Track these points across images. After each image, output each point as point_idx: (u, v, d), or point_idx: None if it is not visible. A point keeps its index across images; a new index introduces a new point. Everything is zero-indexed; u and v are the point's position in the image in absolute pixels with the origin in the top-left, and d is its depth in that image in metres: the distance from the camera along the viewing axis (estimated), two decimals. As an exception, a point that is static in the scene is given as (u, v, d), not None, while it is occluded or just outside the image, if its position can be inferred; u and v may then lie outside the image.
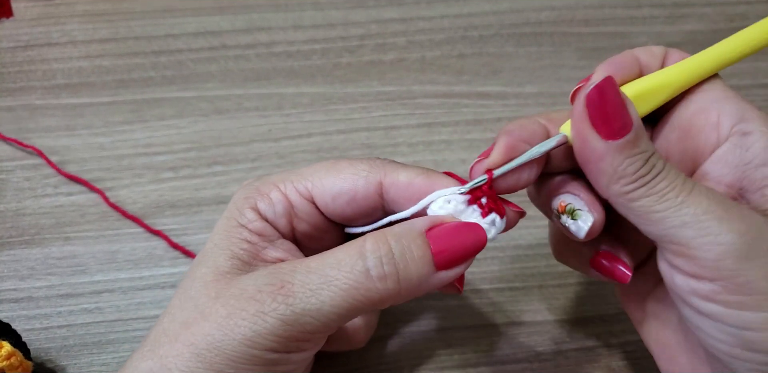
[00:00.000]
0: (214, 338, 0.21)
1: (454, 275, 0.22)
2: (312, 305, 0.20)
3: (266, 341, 0.20)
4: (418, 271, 0.21)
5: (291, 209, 0.24)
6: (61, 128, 0.39)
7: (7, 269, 0.33)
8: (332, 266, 0.21)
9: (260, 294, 0.21)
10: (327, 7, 0.45)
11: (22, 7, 0.45)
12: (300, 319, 0.20)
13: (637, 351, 0.31)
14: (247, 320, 0.20)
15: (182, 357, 0.21)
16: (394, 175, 0.23)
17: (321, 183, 0.23)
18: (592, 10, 0.46)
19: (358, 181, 0.23)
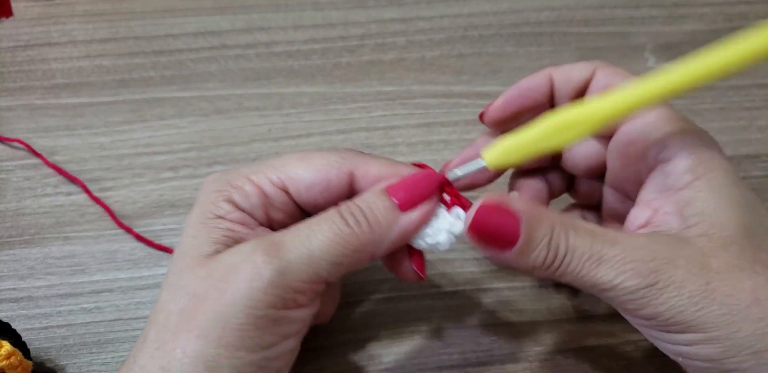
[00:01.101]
0: (215, 312, 0.21)
1: (419, 215, 0.23)
2: (303, 253, 0.22)
3: (265, 295, 0.21)
4: (385, 215, 0.23)
5: (266, 199, 0.24)
6: (61, 128, 0.39)
7: (7, 269, 0.33)
8: (315, 222, 0.23)
9: (253, 255, 0.21)
10: (327, 7, 0.45)
11: (22, 7, 0.45)
12: (293, 267, 0.21)
13: (637, 351, 0.31)
14: (243, 281, 0.21)
15: (189, 344, 0.21)
16: (365, 167, 0.24)
17: (294, 174, 0.24)
18: (592, 11, 0.46)
19: (330, 172, 0.24)
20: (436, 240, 0.24)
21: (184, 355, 0.21)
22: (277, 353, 0.22)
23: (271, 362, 0.22)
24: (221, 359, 0.21)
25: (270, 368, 0.22)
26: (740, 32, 0.21)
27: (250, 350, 0.21)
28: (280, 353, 0.22)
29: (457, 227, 0.24)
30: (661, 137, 0.23)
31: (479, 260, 0.34)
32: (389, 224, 0.23)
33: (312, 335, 0.31)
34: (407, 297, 0.32)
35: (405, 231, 0.23)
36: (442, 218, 0.24)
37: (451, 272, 0.33)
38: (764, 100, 0.41)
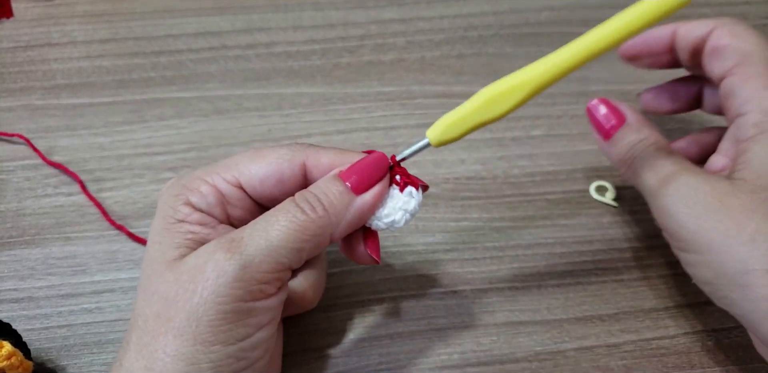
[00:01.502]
0: (187, 312, 0.22)
1: (372, 196, 0.24)
2: (262, 245, 0.23)
3: (231, 290, 0.22)
4: (339, 198, 0.24)
5: (223, 197, 0.25)
6: (61, 128, 0.39)
7: (8, 269, 0.33)
8: (271, 214, 0.24)
9: (215, 254, 0.22)
10: (326, 8, 0.45)
11: (23, 8, 0.45)
12: (254, 260, 0.22)
13: (636, 351, 0.31)
14: (210, 279, 0.22)
15: (168, 344, 0.22)
16: (316, 157, 0.25)
17: (247, 170, 0.25)
18: (591, 11, 0.46)
19: (282, 165, 0.25)
20: (392, 219, 0.25)
21: (165, 355, 0.22)
22: (252, 344, 0.23)
23: (248, 353, 0.23)
24: (199, 354, 0.22)
25: (248, 358, 0.23)
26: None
27: (226, 344, 0.22)
28: (256, 344, 0.23)
29: (411, 205, 0.25)
30: (743, 93, 0.26)
31: (479, 260, 0.34)
32: (344, 206, 0.24)
33: (312, 335, 0.31)
34: (407, 297, 0.32)
35: (360, 212, 0.24)
36: (396, 197, 0.25)
37: (451, 272, 0.33)
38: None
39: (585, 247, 0.34)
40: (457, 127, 0.25)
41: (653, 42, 0.30)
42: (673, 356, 0.31)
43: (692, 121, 0.40)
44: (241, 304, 0.22)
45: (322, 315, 0.32)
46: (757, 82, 0.26)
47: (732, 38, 0.27)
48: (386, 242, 0.34)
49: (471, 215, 0.36)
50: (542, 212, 0.36)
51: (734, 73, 0.27)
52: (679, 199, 0.26)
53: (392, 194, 0.25)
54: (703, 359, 0.31)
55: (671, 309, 0.32)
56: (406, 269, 0.33)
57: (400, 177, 0.26)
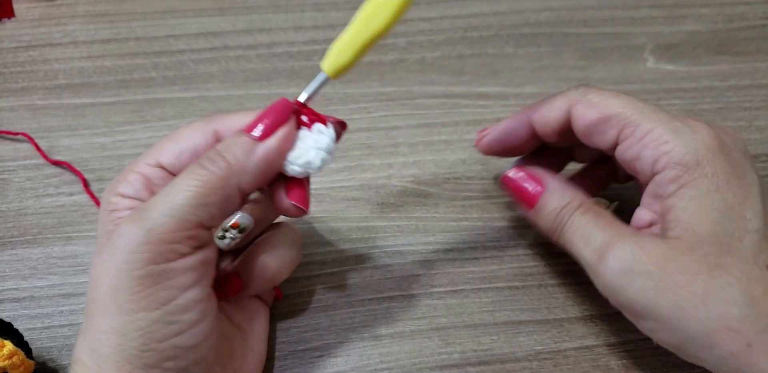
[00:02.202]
0: (107, 286, 0.22)
1: (276, 139, 0.24)
2: (164, 206, 0.23)
3: (140, 254, 0.22)
4: (241, 148, 0.24)
5: (147, 180, 0.26)
6: (62, 128, 0.39)
7: (9, 269, 0.33)
8: (175, 178, 0.24)
9: (123, 225, 0.23)
10: (327, 8, 0.46)
11: (24, 8, 0.45)
12: (158, 221, 0.22)
13: (636, 350, 0.31)
14: (119, 248, 0.22)
15: (102, 322, 0.23)
16: (227, 122, 0.26)
17: (165, 150, 0.26)
18: (591, 11, 0.46)
19: (196, 137, 0.26)
20: (306, 160, 0.25)
21: (101, 332, 0.23)
22: (179, 307, 0.23)
23: (176, 316, 0.23)
24: (126, 325, 0.22)
25: (180, 321, 0.23)
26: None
27: (149, 309, 0.22)
28: (184, 306, 0.23)
29: (323, 142, 0.25)
30: (646, 153, 0.26)
31: (479, 260, 0.34)
32: (245, 155, 0.24)
33: (312, 334, 0.31)
34: (407, 296, 0.32)
35: (265, 157, 0.24)
36: (306, 138, 0.25)
37: (452, 272, 0.33)
38: (763, 101, 0.41)
39: (585, 247, 0.34)
40: (346, 50, 0.25)
41: (512, 137, 0.30)
42: (673, 356, 0.31)
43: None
44: (154, 266, 0.22)
45: (322, 315, 0.32)
46: (652, 138, 0.26)
47: (596, 109, 0.27)
48: (386, 241, 0.34)
49: (471, 215, 0.36)
50: (542, 211, 0.36)
51: (624, 139, 0.26)
52: (619, 274, 0.25)
53: (302, 136, 0.25)
54: (702, 358, 0.31)
55: (671, 309, 0.32)
56: (406, 268, 0.33)
57: (307, 117, 0.25)
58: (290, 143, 0.25)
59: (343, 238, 0.35)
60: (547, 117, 0.28)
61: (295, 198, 0.25)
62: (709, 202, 0.25)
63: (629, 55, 0.43)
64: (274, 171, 0.25)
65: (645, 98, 0.41)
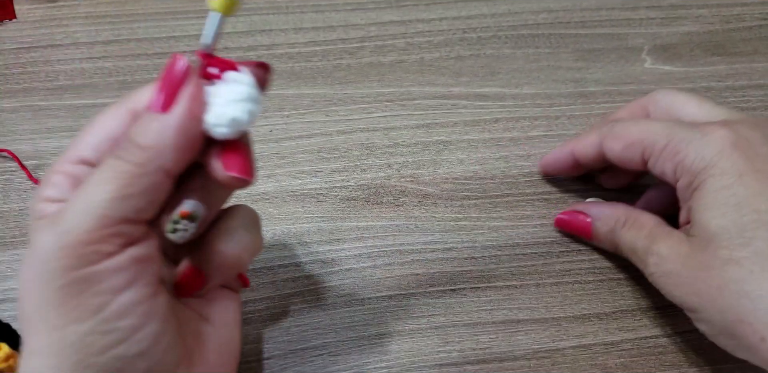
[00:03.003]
0: (31, 304, 0.20)
1: (183, 105, 0.21)
2: (78, 205, 0.20)
3: (57, 261, 0.20)
4: (149, 127, 0.21)
5: (74, 180, 0.23)
6: (64, 129, 0.39)
7: (10, 269, 0.33)
8: (90, 174, 0.21)
9: (37, 233, 0.20)
10: (327, 10, 0.46)
11: (25, 9, 0.45)
12: (73, 222, 0.20)
13: (634, 349, 0.31)
14: (36, 259, 0.20)
15: (32, 342, 0.20)
16: (137, 98, 0.23)
17: (83, 143, 0.23)
18: (589, 12, 0.46)
19: (110, 124, 0.23)
20: (229, 117, 0.21)
21: (32, 355, 0.20)
22: (115, 313, 0.20)
23: (112, 324, 0.20)
24: (58, 342, 0.20)
25: (119, 329, 0.20)
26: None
27: (81, 320, 0.20)
28: (120, 311, 0.20)
29: (240, 91, 0.21)
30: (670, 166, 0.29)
31: (477, 259, 0.34)
32: (156, 132, 0.21)
33: (311, 333, 0.31)
34: (406, 295, 0.33)
35: (180, 126, 0.21)
36: (221, 92, 0.21)
37: (450, 271, 0.34)
38: (760, 101, 0.42)
39: (583, 246, 0.35)
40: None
41: (561, 165, 0.35)
42: (671, 355, 0.31)
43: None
44: (76, 272, 0.20)
45: (321, 314, 0.32)
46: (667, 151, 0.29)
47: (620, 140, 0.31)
48: (385, 241, 0.35)
49: (470, 215, 0.36)
50: (540, 211, 0.36)
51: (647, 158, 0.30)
52: (658, 274, 0.28)
53: (215, 91, 0.21)
54: (700, 357, 0.31)
55: (669, 308, 0.33)
56: (405, 268, 0.34)
57: (217, 68, 0.21)
58: (201, 104, 0.21)
59: (342, 238, 0.35)
60: (585, 153, 0.33)
61: (232, 167, 0.22)
62: (717, 198, 0.26)
63: (627, 56, 0.44)
64: (196, 140, 0.21)
65: (642, 99, 0.41)
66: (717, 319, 0.26)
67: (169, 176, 0.21)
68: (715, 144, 0.27)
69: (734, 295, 0.25)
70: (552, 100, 0.41)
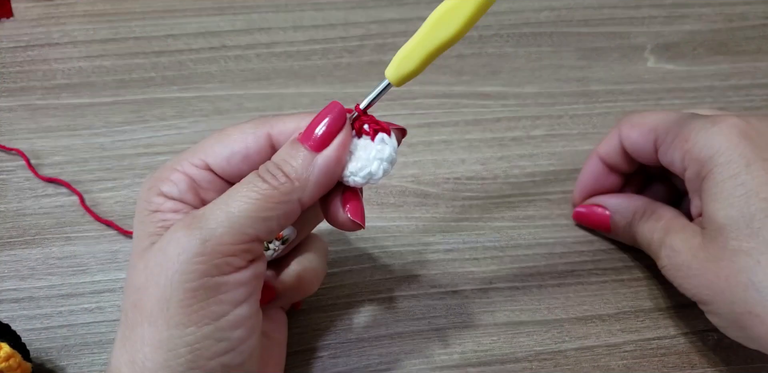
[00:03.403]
0: (156, 297, 0.21)
1: (334, 149, 0.23)
2: (222, 217, 0.22)
3: (195, 265, 0.21)
4: (299, 160, 0.23)
5: (193, 182, 0.24)
6: (61, 128, 0.39)
7: (8, 269, 0.33)
8: (233, 188, 0.23)
9: (175, 233, 0.22)
10: (327, 8, 0.45)
11: (23, 8, 0.45)
12: (215, 232, 0.21)
13: (637, 351, 0.31)
14: (173, 258, 0.21)
15: (145, 334, 0.21)
16: (281, 125, 0.24)
17: (213, 151, 0.24)
18: (592, 11, 0.46)
19: (247, 140, 0.24)
20: (368, 171, 0.24)
21: (144, 345, 0.21)
22: (231, 323, 0.22)
23: (227, 333, 0.22)
24: (174, 339, 0.21)
25: (229, 339, 0.22)
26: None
27: (200, 324, 0.21)
28: (235, 322, 0.22)
29: (386, 152, 0.24)
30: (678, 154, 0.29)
31: (479, 260, 0.34)
32: (304, 168, 0.23)
33: (311, 334, 0.31)
34: (407, 297, 0.32)
35: (326, 169, 0.23)
36: (369, 147, 0.24)
37: (452, 272, 0.33)
38: (764, 100, 0.41)
39: (585, 247, 0.34)
40: (412, 58, 0.23)
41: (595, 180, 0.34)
42: (674, 356, 0.31)
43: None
44: (208, 279, 0.21)
45: (321, 315, 0.32)
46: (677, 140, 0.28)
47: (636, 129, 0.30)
48: (386, 242, 0.34)
49: (471, 215, 0.36)
50: (542, 211, 0.36)
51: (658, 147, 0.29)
52: (670, 267, 0.29)
53: (363, 145, 0.24)
54: (703, 358, 0.31)
55: (671, 309, 0.32)
56: (406, 269, 0.33)
57: (368, 126, 0.24)
58: (347, 153, 0.23)
59: (342, 238, 0.34)
60: (608, 151, 0.32)
61: (351, 211, 0.24)
62: (724, 188, 0.26)
63: (629, 55, 0.43)
64: (333, 183, 0.24)
65: (645, 98, 0.41)
66: (726, 311, 0.26)
67: (302, 207, 0.23)
68: (723, 132, 0.26)
69: (742, 286, 0.25)
70: (554, 99, 0.41)
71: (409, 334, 0.31)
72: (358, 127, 0.24)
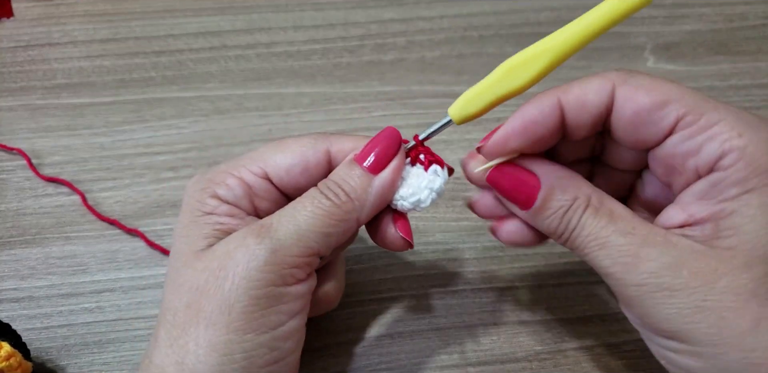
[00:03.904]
0: (218, 300, 0.22)
1: (390, 173, 0.24)
2: (291, 229, 0.23)
3: (263, 274, 0.22)
4: (358, 181, 0.24)
5: (249, 189, 0.25)
6: (61, 128, 0.39)
7: (8, 269, 0.33)
8: (298, 201, 0.24)
9: (245, 240, 0.22)
10: (327, 8, 0.45)
11: (23, 8, 0.45)
12: (284, 243, 0.22)
13: (636, 350, 0.31)
14: (241, 264, 0.22)
15: (200, 336, 0.22)
16: (339, 143, 0.25)
17: (273, 160, 0.25)
18: (592, 11, 0.46)
19: (307, 153, 0.25)
20: (417, 198, 0.25)
21: (197, 346, 0.21)
22: (285, 333, 0.23)
23: (280, 343, 0.22)
24: (232, 344, 0.21)
25: (281, 349, 0.23)
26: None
27: (259, 332, 0.22)
28: (288, 333, 0.23)
29: (437, 183, 0.25)
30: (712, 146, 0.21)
31: (479, 260, 0.34)
32: (363, 189, 0.24)
33: (312, 335, 0.31)
34: (407, 297, 0.32)
35: (382, 191, 0.24)
36: (421, 176, 0.25)
37: (452, 273, 0.33)
38: (764, 100, 0.41)
39: (585, 247, 0.34)
40: (478, 101, 0.23)
41: (537, 127, 0.23)
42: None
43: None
44: (273, 288, 0.22)
45: (321, 316, 0.32)
46: (721, 129, 0.21)
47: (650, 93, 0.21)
48: (386, 241, 0.34)
49: (471, 215, 0.35)
50: (542, 211, 0.36)
51: (682, 128, 0.21)
52: (651, 289, 0.21)
53: (417, 173, 0.25)
54: (703, 358, 0.31)
55: (671, 309, 0.32)
56: (406, 268, 0.33)
57: (424, 156, 0.25)
58: (399, 177, 0.25)
59: (342, 238, 0.35)
60: (585, 101, 0.22)
61: (403, 230, 0.25)
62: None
63: (629, 55, 0.43)
64: (385, 204, 0.25)
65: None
66: (731, 357, 0.20)
67: (358, 226, 0.24)
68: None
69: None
70: (554, 99, 0.41)
71: (409, 334, 0.31)
72: (413, 156, 0.25)
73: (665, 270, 0.21)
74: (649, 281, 0.21)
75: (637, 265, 0.21)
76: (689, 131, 0.21)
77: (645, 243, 0.21)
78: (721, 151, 0.21)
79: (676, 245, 0.21)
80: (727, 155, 0.21)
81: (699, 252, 0.21)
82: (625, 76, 0.22)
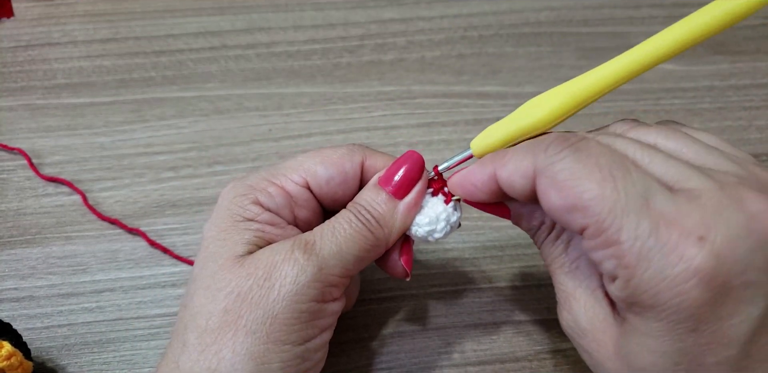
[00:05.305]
0: (262, 309, 0.22)
1: (414, 197, 0.25)
2: (333, 250, 0.23)
3: (309, 289, 0.23)
4: (386, 208, 0.25)
5: (290, 199, 0.25)
6: (61, 128, 0.39)
7: (8, 269, 0.33)
8: (336, 221, 0.24)
9: (293, 253, 0.23)
10: (327, 8, 0.45)
11: (23, 7, 0.45)
12: (328, 263, 0.23)
13: (636, 350, 0.31)
14: (289, 276, 0.22)
15: (238, 343, 0.22)
16: (373, 159, 0.26)
17: (313, 171, 0.26)
18: (591, 11, 0.46)
19: (345, 165, 0.26)
20: (432, 228, 0.25)
21: (234, 354, 0.22)
22: (317, 345, 0.24)
23: (312, 354, 0.23)
24: (270, 354, 0.22)
25: (312, 359, 0.24)
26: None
27: (296, 344, 0.23)
28: (320, 345, 0.24)
29: (453, 217, 0.26)
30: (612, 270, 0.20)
31: (479, 260, 0.34)
32: (391, 215, 0.25)
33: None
34: (407, 297, 0.32)
35: (406, 216, 0.25)
36: (438, 207, 0.25)
37: (452, 272, 0.33)
38: (763, 100, 0.41)
39: (585, 246, 0.34)
40: (494, 135, 0.24)
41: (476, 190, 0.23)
42: (673, 356, 0.31)
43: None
44: (314, 304, 0.23)
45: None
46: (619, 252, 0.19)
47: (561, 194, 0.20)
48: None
49: (471, 215, 0.36)
50: (542, 211, 0.36)
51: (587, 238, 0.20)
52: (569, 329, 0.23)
53: (434, 203, 0.25)
54: (702, 358, 0.31)
55: (671, 308, 0.32)
56: (406, 268, 0.33)
57: (448, 189, 0.25)
58: (420, 203, 0.25)
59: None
60: (512, 182, 0.22)
61: (406, 262, 0.26)
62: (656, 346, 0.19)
63: (629, 55, 0.43)
64: (406, 229, 0.25)
65: (644, 98, 0.41)
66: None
67: (384, 250, 0.25)
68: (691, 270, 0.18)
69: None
70: (554, 99, 0.41)
71: (409, 333, 0.31)
72: (436, 188, 0.26)
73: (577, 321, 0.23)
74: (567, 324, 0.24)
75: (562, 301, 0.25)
76: (590, 243, 0.20)
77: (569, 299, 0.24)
78: (614, 275, 0.20)
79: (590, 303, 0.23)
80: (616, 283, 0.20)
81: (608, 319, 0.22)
82: (548, 161, 0.20)
